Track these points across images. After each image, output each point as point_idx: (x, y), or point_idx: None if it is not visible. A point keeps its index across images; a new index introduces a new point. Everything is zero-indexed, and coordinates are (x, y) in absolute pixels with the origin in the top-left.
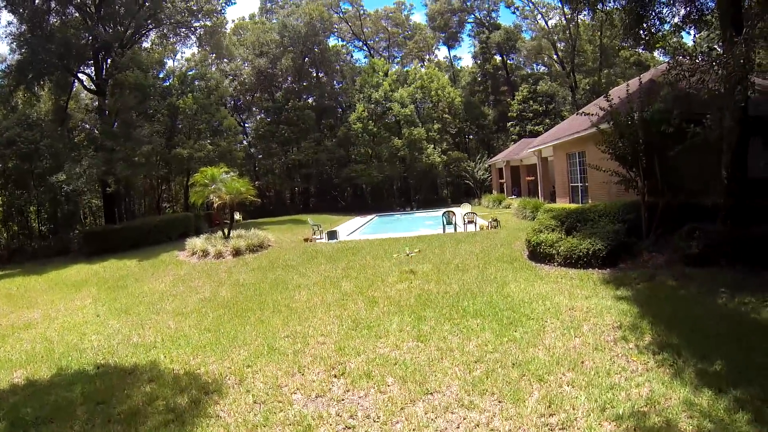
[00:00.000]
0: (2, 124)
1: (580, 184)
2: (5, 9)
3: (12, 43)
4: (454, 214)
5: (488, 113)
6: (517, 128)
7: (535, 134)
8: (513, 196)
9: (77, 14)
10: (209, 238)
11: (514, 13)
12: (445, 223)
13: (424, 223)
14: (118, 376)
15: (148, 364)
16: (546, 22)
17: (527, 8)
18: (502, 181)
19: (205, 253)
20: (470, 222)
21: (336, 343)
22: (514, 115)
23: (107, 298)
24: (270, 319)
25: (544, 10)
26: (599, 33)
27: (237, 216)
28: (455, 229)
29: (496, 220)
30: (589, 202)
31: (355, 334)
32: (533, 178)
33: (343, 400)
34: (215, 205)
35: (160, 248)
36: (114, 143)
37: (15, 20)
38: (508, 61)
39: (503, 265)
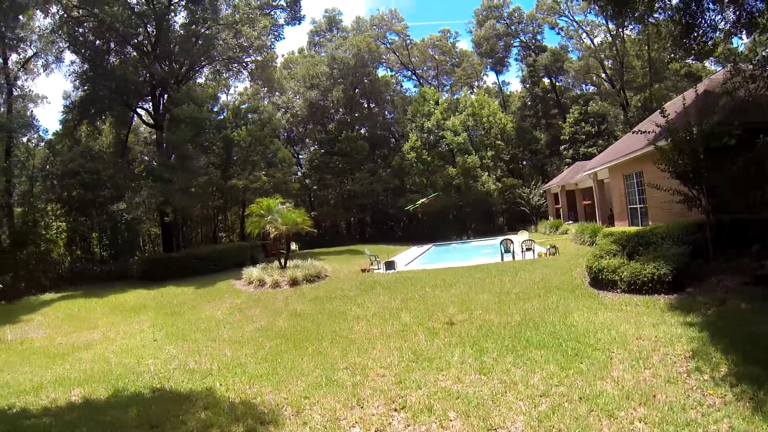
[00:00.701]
0: (67, 155)
1: (639, 206)
2: (68, 50)
3: (75, 80)
4: (512, 242)
5: (540, 137)
6: (570, 151)
7: (589, 156)
8: (570, 221)
9: (135, 53)
10: (266, 267)
11: (558, 34)
12: (503, 251)
13: (481, 251)
14: (174, 401)
15: (203, 390)
16: (591, 41)
17: (571, 28)
18: (557, 206)
19: (261, 283)
20: (528, 249)
21: (396, 375)
22: (567, 138)
23: (164, 323)
24: (328, 350)
25: (588, 29)
26: (647, 47)
27: (293, 246)
28: (513, 257)
29: (554, 246)
30: (650, 224)
31: (415, 367)
32: (590, 201)
33: None
34: (271, 236)
35: (216, 277)
36: (171, 174)
37: (78, 60)
38: (557, 83)
39: (565, 294)
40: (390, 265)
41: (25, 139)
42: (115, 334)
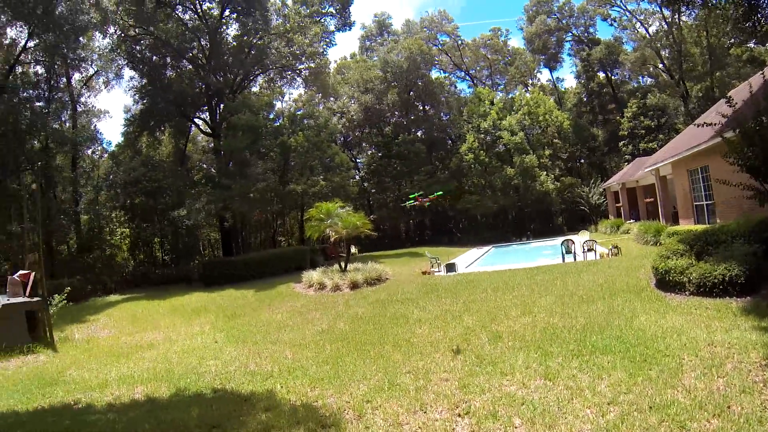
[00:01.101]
0: (129, 165)
1: (705, 203)
2: (127, 66)
3: (135, 95)
4: (573, 242)
5: (598, 134)
6: (630, 147)
7: (649, 152)
8: (631, 221)
9: (190, 66)
10: (326, 271)
11: (611, 25)
12: (564, 252)
13: (542, 252)
14: (234, 402)
15: (264, 392)
16: (646, 30)
17: (624, 18)
18: (618, 205)
19: (321, 286)
20: (590, 250)
21: (459, 380)
22: (625, 133)
23: (225, 325)
24: (390, 354)
25: (642, 17)
26: (705, 33)
27: (353, 249)
28: (575, 258)
29: (616, 246)
30: (718, 221)
31: (479, 371)
32: (652, 199)
33: None
34: (331, 239)
35: (276, 280)
36: (230, 181)
37: (136, 75)
38: (613, 77)
39: (630, 296)
40: (451, 267)
41: (89, 152)
42: (177, 335)
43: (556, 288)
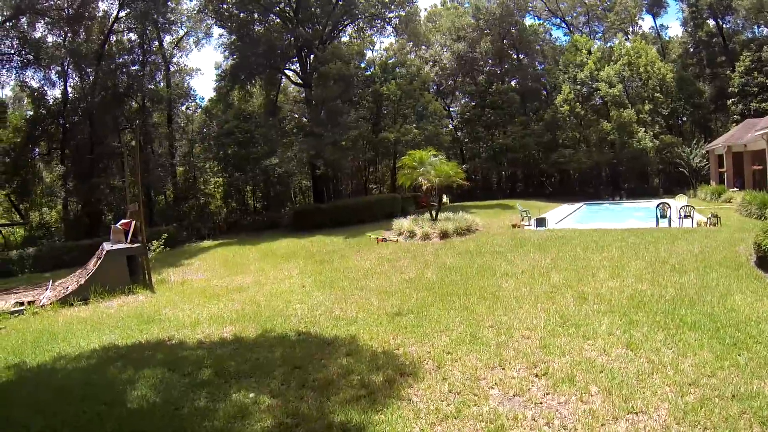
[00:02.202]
0: (222, 118)
1: None
2: (216, 25)
3: (225, 51)
4: (669, 206)
5: (704, 90)
6: (740, 106)
7: (762, 113)
8: (735, 189)
9: (278, 20)
10: (416, 219)
11: None
12: (659, 216)
13: (634, 214)
14: (317, 345)
15: (347, 338)
16: None
17: None
18: (722, 170)
19: (411, 234)
20: (687, 216)
21: (541, 339)
22: (735, 90)
23: (313, 271)
24: (475, 306)
25: None
26: None
27: (444, 199)
28: (669, 224)
29: (715, 215)
30: None
31: (561, 332)
32: (761, 167)
33: (541, 403)
34: (423, 188)
35: (366, 227)
36: (322, 130)
37: (225, 32)
38: (724, 26)
39: (726, 271)
40: (541, 222)
41: (183, 108)
42: (266, 279)
43: (647, 253)
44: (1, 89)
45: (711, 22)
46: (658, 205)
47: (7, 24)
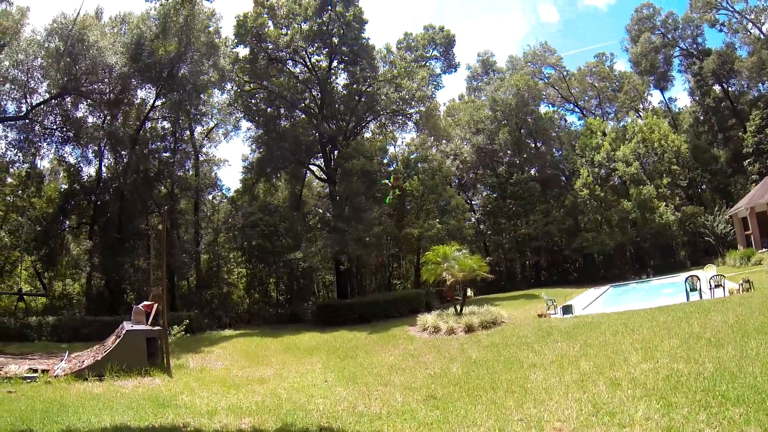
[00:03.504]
0: (247, 209)
1: None
2: (244, 118)
3: (252, 144)
4: (698, 278)
5: (719, 155)
6: (756, 165)
7: None
8: (764, 249)
9: (303, 116)
10: (441, 314)
11: (720, 31)
12: (688, 289)
13: (662, 291)
14: None
15: None
16: (760, 30)
17: (734, 20)
18: (747, 232)
19: (436, 329)
20: (718, 286)
21: (574, 430)
22: (750, 150)
23: (336, 366)
24: (503, 400)
25: (752, 17)
26: None
27: (468, 292)
28: (700, 296)
29: (748, 281)
30: None
31: (595, 421)
32: None
33: None
34: (447, 282)
35: (390, 323)
36: (345, 225)
37: (252, 126)
38: (729, 89)
39: (766, 338)
40: (567, 309)
41: (210, 197)
42: (288, 372)
43: (680, 330)
44: (40, 161)
45: (717, 88)
46: (686, 279)
47: (53, 101)
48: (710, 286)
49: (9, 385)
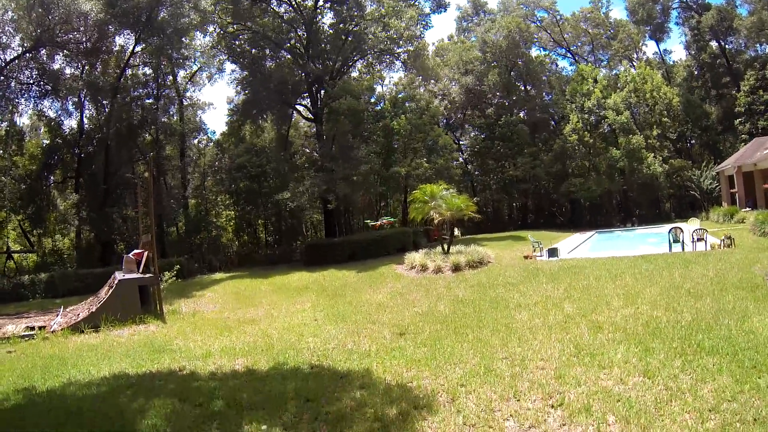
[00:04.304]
0: (233, 152)
1: None
2: (228, 61)
3: (237, 86)
4: (681, 231)
5: (711, 111)
6: (747, 125)
7: None
8: (747, 209)
9: (289, 56)
10: (428, 253)
11: None
12: (671, 240)
13: (646, 240)
14: (331, 378)
15: (360, 371)
16: None
17: None
18: (733, 191)
19: (423, 268)
20: (700, 240)
21: (556, 369)
22: (742, 110)
23: (325, 304)
24: (488, 339)
25: None
26: None
27: (456, 232)
28: (683, 248)
29: (729, 237)
30: None
31: (576, 362)
32: None
33: None
34: (435, 221)
35: (378, 261)
36: (333, 164)
37: (237, 68)
38: (727, 46)
39: (742, 293)
40: (553, 252)
41: (196, 141)
42: (278, 312)
43: (661, 279)
44: (18, 117)
45: (714, 44)
46: (670, 230)
47: (27, 55)
48: (693, 239)
49: (8, 345)
